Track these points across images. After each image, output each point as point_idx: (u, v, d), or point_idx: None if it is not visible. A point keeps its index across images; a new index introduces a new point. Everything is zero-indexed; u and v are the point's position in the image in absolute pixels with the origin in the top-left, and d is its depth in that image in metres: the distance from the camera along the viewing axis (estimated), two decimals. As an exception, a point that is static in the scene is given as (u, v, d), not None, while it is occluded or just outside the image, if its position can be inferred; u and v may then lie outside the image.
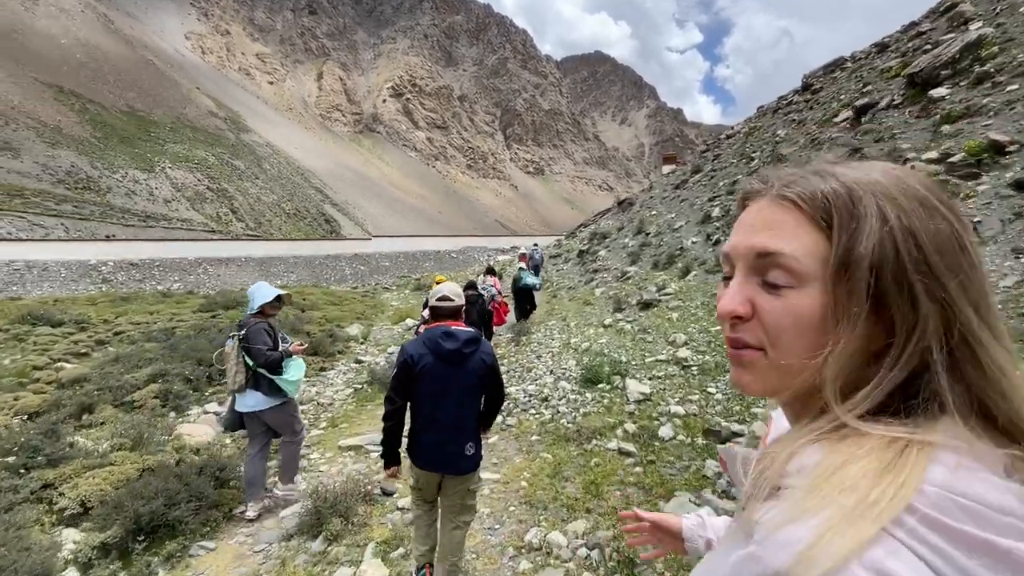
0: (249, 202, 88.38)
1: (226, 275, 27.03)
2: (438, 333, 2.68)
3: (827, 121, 13.37)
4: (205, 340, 8.06)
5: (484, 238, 47.20)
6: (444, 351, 2.63)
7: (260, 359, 3.70)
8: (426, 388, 2.65)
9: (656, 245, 13.95)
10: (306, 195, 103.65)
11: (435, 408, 2.66)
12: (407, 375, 2.65)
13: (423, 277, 27.58)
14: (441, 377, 2.64)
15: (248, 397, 3.75)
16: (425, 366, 2.63)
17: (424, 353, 2.65)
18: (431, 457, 2.69)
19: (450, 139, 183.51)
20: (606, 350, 6.89)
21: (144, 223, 58.35)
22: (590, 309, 10.69)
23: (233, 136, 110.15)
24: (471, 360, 2.69)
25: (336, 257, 32.49)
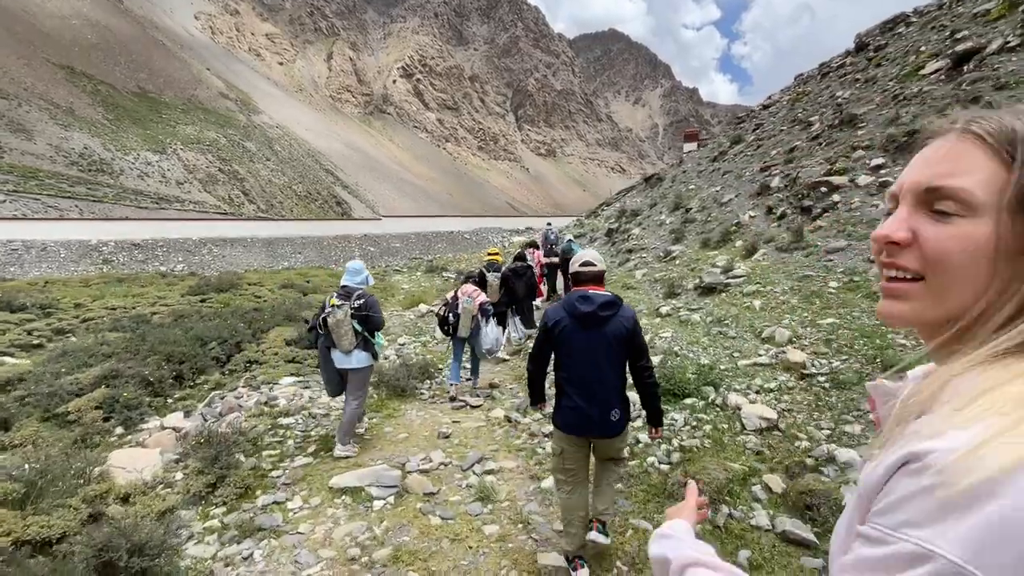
0: (260, 184, 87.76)
1: (231, 256, 25.85)
2: (576, 296, 2.68)
3: (910, 75, 11.58)
4: (181, 330, 6.65)
5: (498, 219, 45.56)
6: (580, 314, 2.61)
7: (380, 325, 4.49)
8: (565, 351, 2.67)
9: (703, 221, 12.30)
10: (317, 177, 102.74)
11: (576, 372, 2.63)
12: (546, 338, 2.73)
13: (436, 259, 26.19)
14: (579, 340, 2.63)
15: (354, 357, 4.28)
16: (564, 329, 2.64)
17: (562, 316, 2.67)
18: (575, 421, 2.65)
19: (461, 120, 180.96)
20: (676, 348, 5.34)
21: (157, 205, 58.02)
22: (633, 295, 9.14)
23: (244, 118, 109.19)
24: (609, 324, 2.63)
25: (345, 238, 31.14)
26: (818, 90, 17.85)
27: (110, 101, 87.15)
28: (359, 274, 4.54)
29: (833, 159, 9.95)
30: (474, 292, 5.92)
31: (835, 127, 11.92)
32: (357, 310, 4.25)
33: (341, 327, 4.18)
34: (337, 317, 4.17)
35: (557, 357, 2.74)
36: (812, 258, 7.10)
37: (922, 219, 0.52)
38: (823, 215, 8.61)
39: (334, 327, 4.19)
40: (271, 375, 6.15)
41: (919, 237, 0.51)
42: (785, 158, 12.62)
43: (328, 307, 4.26)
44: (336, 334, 4.19)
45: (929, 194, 0.52)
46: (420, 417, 5.01)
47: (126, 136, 78.25)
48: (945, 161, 0.52)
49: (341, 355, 4.27)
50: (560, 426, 2.72)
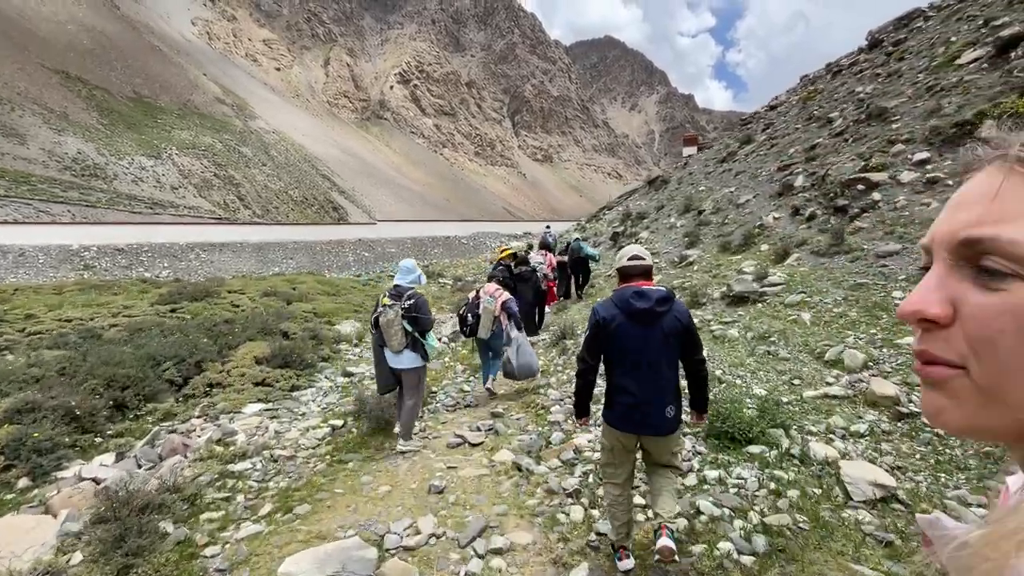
0: (256, 189, 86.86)
1: (220, 261, 24.87)
2: (629, 292, 2.60)
3: (942, 66, 10.77)
4: (132, 347, 5.69)
5: (495, 223, 44.73)
6: (635, 310, 2.53)
7: (429, 326, 4.44)
8: (619, 349, 2.59)
9: (719, 223, 11.41)
10: (313, 182, 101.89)
11: (629, 369, 2.58)
12: (598, 336, 2.63)
13: (432, 264, 25.24)
14: (634, 337, 2.55)
15: (405, 357, 4.28)
16: (617, 326, 2.56)
17: (615, 313, 2.59)
18: (627, 418, 2.60)
19: (458, 126, 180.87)
20: (719, 371, 4.41)
21: (151, 210, 57.42)
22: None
23: (240, 123, 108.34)
24: (664, 319, 2.55)
25: (339, 243, 30.22)
26: (832, 88, 17.11)
27: (105, 106, 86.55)
28: (411, 273, 4.55)
29: (867, 154, 9.10)
30: (496, 291, 5.65)
31: (861, 122, 11.10)
32: (407, 311, 4.26)
33: (392, 327, 4.21)
34: (388, 317, 4.21)
35: (607, 355, 2.66)
36: (861, 263, 6.19)
37: (965, 283, 0.39)
38: (862, 215, 7.73)
39: (385, 327, 4.23)
40: (233, 402, 5.19)
41: (960, 311, 0.38)
42: (806, 156, 11.78)
43: (380, 306, 4.33)
44: (387, 334, 4.23)
45: (968, 247, 0.39)
46: (408, 460, 4.05)
47: (121, 141, 77.57)
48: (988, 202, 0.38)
49: (392, 354, 4.30)
50: (612, 423, 2.66)
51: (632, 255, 2.76)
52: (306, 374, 6.36)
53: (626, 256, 2.78)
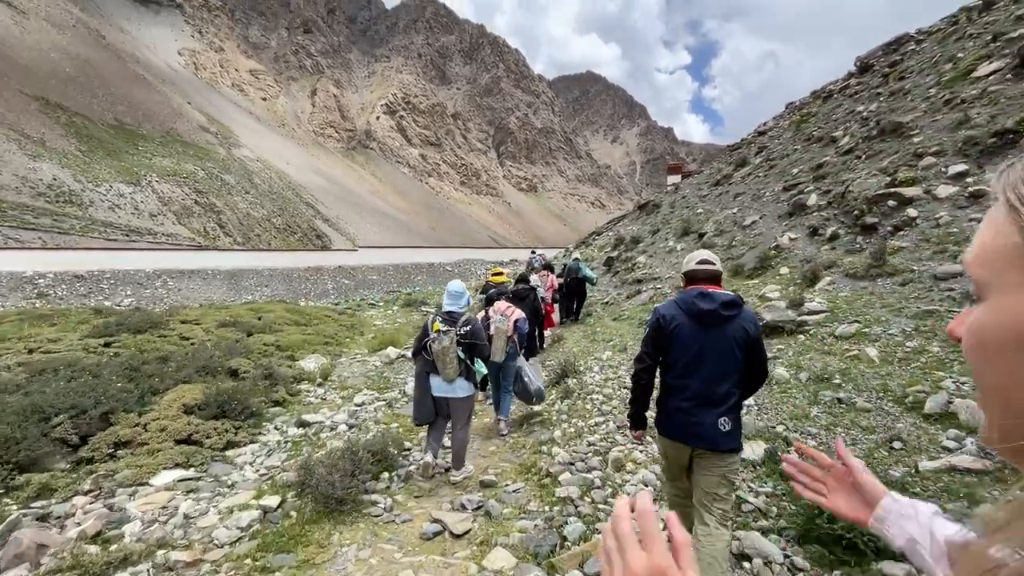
0: (238, 216, 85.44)
1: (188, 289, 23.38)
2: (694, 294, 2.46)
3: (956, 80, 10.22)
4: (19, 396, 4.42)
5: (481, 250, 43.82)
6: (699, 311, 2.39)
7: (486, 352, 4.26)
8: (678, 352, 2.45)
9: (725, 246, 10.52)
10: (297, 210, 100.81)
11: (687, 374, 2.42)
12: (658, 336, 2.51)
13: (415, 292, 24.07)
14: (695, 341, 2.40)
15: (459, 386, 4.06)
16: (677, 327, 2.44)
17: (676, 314, 2.47)
18: (680, 427, 2.44)
19: (443, 156, 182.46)
20: (779, 427, 3.32)
21: (127, 237, 55.81)
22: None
23: (224, 151, 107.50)
24: (730, 325, 2.38)
25: (317, 270, 28.90)
26: (827, 110, 16.74)
27: (85, 133, 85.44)
28: (461, 297, 4.29)
29: (890, 169, 8.34)
30: (508, 309, 5.21)
31: (873, 138, 10.44)
32: (463, 337, 4.04)
33: (447, 354, 3.96)
34: (443, 344, 3.96)
35: (665, 357, 2.50)
36: (916, 287, 5.23)
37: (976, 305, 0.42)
38: (897, 233, 6.86)
39: (439, 354, 3.96)
40: (141, 469, 3.95)
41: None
42: (813, 175, 11.07)
43: (432, 333, 4.06)
44: (441, 362, 3.98)
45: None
46: (362, 561, 2.84)
47: (99, 168, 76.19)
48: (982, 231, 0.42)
49: (442, 383, 4.07)
50: (663, 429, 2.53)
51: (701, 259, 2.59)
52: (249, 426, 5.10)
53: (694, 260, 2.60)
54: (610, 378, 5.80)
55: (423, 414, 4.14)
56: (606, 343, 7.69)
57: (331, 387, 7.01)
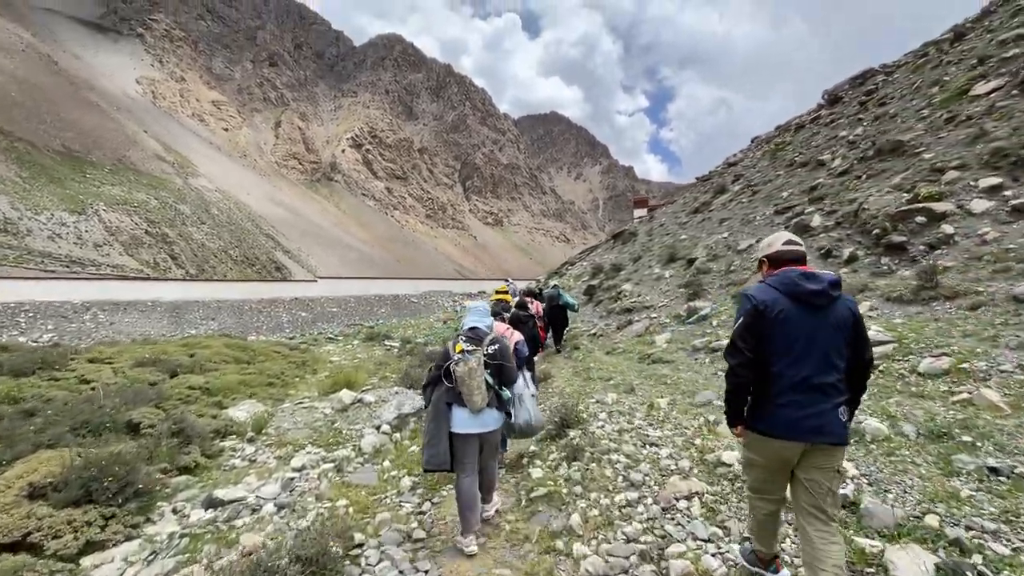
0: (192, 248, 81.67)
1: (123, 323, 21.06)
2: (795, 274, 2.24)
3: (951, 100, 9.88)
4: None
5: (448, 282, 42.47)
6: (805, 292, 2.17)
7: (515, 376, 3.68)
8: (785, 339, 2.19)
9: (722, 271, 9.65)
10: (256, 242, 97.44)
11: (797, 363, 2.17)
12: (756, 325, 2.24)
13: (377, 326, 22.41)
14: (803, 325, 2.18)
15: (489, 417, 3.46)
16: (782, 312, 2.19)
17: (777, 298, 2.23)
18: (792, 423, 2.15)
19: (409, 189, 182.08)
20: (930, 517, 2.12)
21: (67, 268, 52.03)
22: (671, 372, 6.03)
23: (180, 180, 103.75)
24: (836, 306, 2.20)
25: (272, 302, 26.85)
26: (803, 138, 16.64)
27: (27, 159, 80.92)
28: (487, 315, 3.78)
29: (906, 186, 7.68)
30: (507, 331, 4.41)
31: (870, 159, 9.92)
32: (491, 357, 3.46)
33: (474, 377, 3.31)
34: (470, 365, 3.32)
35: (766, 347, 2.24)
36: (995, 310, 4.28)
37: None
38: (932, 252, 6.04)
39: (465, 377, 3.30)
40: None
41: None
42: (809, 197, 10.46)
43: (455, 354, 3.39)
44: (467, 387, 3.30)
45: None
46: None
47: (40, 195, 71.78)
48: None
49: (468, 417, 3.37)
50: (770, 430, 2.24)
51: (787, 239, 2.42)
52: (131, 512, 3.57)
53: (779, 240, 2.43)
54: (625, 429, 4.57)
55: (439, 456, 3.36)
56: (605, 382, 6.48)
57: (265, 443, 5.50)
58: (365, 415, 6.20)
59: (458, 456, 3.44)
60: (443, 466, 3.39)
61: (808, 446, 2.15)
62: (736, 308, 2.46)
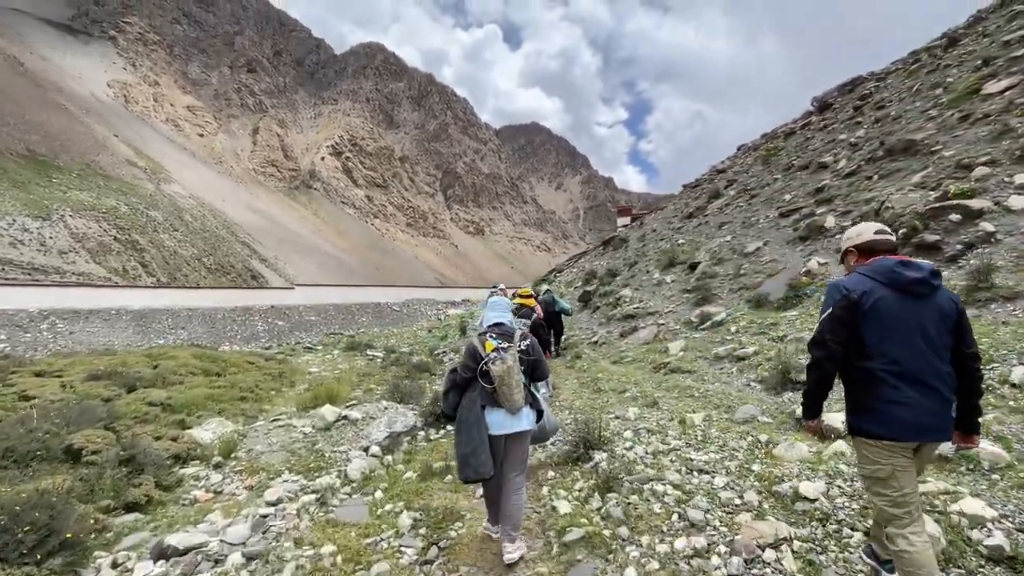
0: (164, 255, 79.16)
1: (84, 332, 19.74)
2: (892, 263, 2.11)
3: (961, 99, 9.63)
4: None
5: (430, 289, 41.54)
6: (906, 281, 2.02)
7: (548, 371, 3.57)
8: (884, 331, 2.02)
9: (730, 275, 9.15)
10: (231, 250, 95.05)
11: (902, 357, 2.01)
12: (850, 318, 2.07)
13: (358, 334, 21.48)
14: (905, 316, 2.01)
15: (524, 417, 3.20)
16: (880, 302, 2.03)
17: (874, 287, 2.06)
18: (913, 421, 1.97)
19: (390, 197, 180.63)
20: None
21: (29, 275, 49.67)
22: (695, 383, 5.43)
23: (152, 186, 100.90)
24: (938, 297, 2.05)
25: (247, 310, 25.63)
26: (797, 143, 16.45)
27: (-12, 163, 77.68)
28: (508, 310, 3.56)
29: (930, 183, 7.29)
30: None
31: (880, 159, 9.59)
32: (524, 353, 3.26)
33: (512, 376, 3.06)
34: (507, 363, 3.07)
35: (864, 341, 2.07)
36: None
37: None
38: (973, 250, 5.59)
39: (503, 377, 3.04)
40: None
41: None
42: (816, 199, 10.09)
43: (488, 353, 3.15)
44: (507, 386, 3.06)
45: None
46: None
47: (1, 200, 68.80)
48: None
49: (504, 417, 3.12)
50: (889, 432, 2.03)
51: (877, 229, 2.31)
52: (54, 570, 2.76)
53: (870, 231, 2.32)
54: (661, 450, 3.91)
55: (481, 464, 3.03)
56: (618, 394, 5.84)
57: (234, 470, 4.70)
58: (351, 435, 5.43)
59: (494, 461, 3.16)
60: (489, 475, 3.07)
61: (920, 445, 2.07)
62: (824, 299, 2.20)
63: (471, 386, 3.21)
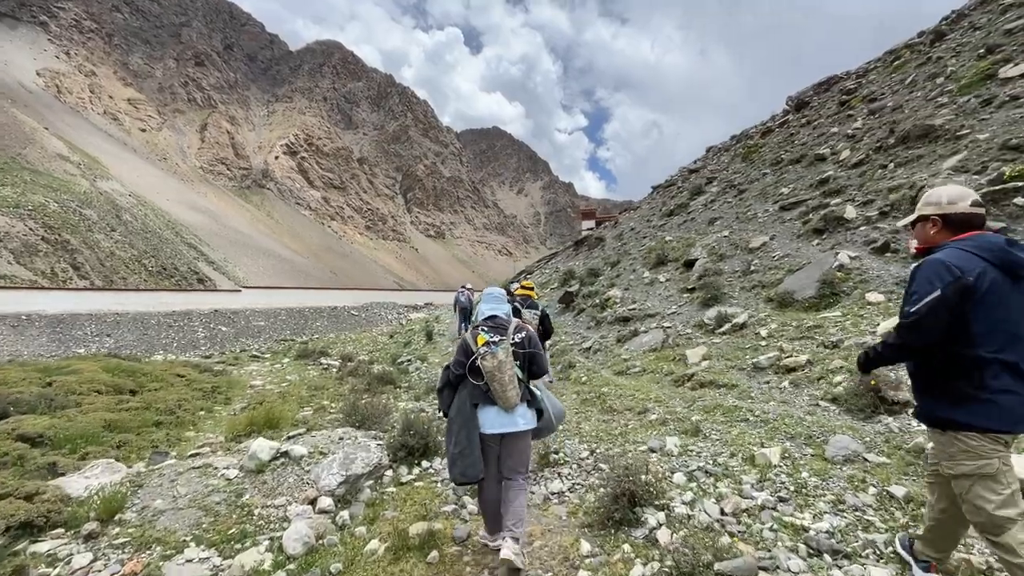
0: (99, 256, 73.55)
1: (-13, 342, 17.09)
2: (1001, 241, 1.91)
3: (976, 84, 9.04)
4: None
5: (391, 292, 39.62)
6: (1018, 263, 1.84)
7: (546, 365, 3.31)
8: (994, 315, 1.84)
9: (741, 272, 8.17)
10: (176, 251, 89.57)
11: (1008, 346, 1.84)
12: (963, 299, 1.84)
13: (312, 340, 19.63)
14: (1012, 302, 1.85)
15: (520, 415, 2.99)
16: (992, 284, 1.84)
17: (985, 267, 1.85)
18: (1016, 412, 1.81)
19: (348, 199, 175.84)
20: None
21: (-59, 281, 44.89)
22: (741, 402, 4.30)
23: (87, 183, 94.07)
24: None
25: (185, 315, 23.25)
26: (778, 140, 15.92)
27: None
28: (504, 300, 3.26)
29: (971, 167, 6.51)
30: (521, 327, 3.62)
31: (892, 147, 8.89)
32: (519, 346, 3.02)
33: (504, 371, 2.87)
34: (499, 357, 2.88)
35: (966, 326, 1.87)
36: None
37: None
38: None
39: (494, 372, 2.85)
40: None
41: None
42: (822, 190, 9.31)
43: (480, 348, 2.93)
44: (499, 382, 2.87)
45: None
46: None
47: (-92, 195, 62.50)
48: None
49: (499, 415, 2.95)
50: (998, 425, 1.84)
51: (974, 199, 2.03)
52: None
53: (967, 199, 2.01)
54: (744, 508, 2.71)
55: (469, 466, 2.83)
56: (638, 415, 4.63)
57: (114, 543, 3.18)
58: (292, 480, 3.97)
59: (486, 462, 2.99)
60: (478, 476, 2.91)
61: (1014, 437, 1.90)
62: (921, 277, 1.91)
63: (462, 384, 3.01)
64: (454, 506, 3.52)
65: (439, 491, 3.84)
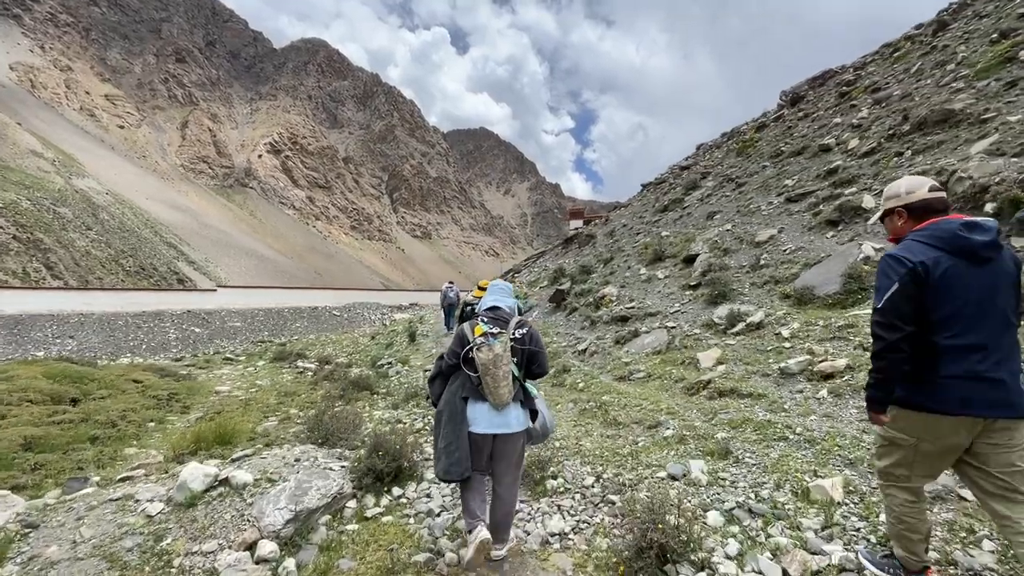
0: (74, 256, 71.43)
1: (-69, 345, 16.06)
2: (955, 225, 1.86)
3: (994, 68, 8.59)
4: None
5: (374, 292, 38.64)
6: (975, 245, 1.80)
7: (547, 364, 3.04)
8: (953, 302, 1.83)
9: (749, 267, 7.56)
10: (155, 250, 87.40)
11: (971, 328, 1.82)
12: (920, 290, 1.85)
13: (290, 342, 18.72)
14: (971, 284, 1.82)
15: (512, 415, 2.79)
16: (947, 271, 1.83)
17: (938, 256, 1.84)
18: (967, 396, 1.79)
19: (333, 199, 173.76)
20: None
21: (-96, 281, 43.22)
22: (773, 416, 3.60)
23: (62, 180, 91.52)
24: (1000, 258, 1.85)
25: (156, 315, 22.14)
26: (776, 134, 15.46)
27: None
28: (509, 293, 3.12)
29: (1007, 149, 5.95)
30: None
31: (907, 134, 8.37)
32: (518, 342, 2.82)
33: (500, 366, 2.66)
34: (495, 351, 2.67)
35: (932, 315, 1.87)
36: None
37: None
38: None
39: (489, 366, 2.65)
40: None
41: None
42: (831, 181, 8.76)
43: (476, 338, 2.76)
44: (492, 377, 2.67)
45: None
46: None
47: None
48: None
49: (489, 412, 2.75)
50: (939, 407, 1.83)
51: (931, 185, 2.01)
52: None
53: (923, 187, 2.01)
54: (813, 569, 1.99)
55: (454, 464, 2.65)
56: (648, 430, 3.94)
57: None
58: (230, 516, 3.19)
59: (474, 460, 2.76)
60: (465, 474, 2.67)
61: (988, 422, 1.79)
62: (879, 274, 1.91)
63: (455, 375, 2.87)
64: (428, 554, 2.77)
65: (411, 530, 3.09)
